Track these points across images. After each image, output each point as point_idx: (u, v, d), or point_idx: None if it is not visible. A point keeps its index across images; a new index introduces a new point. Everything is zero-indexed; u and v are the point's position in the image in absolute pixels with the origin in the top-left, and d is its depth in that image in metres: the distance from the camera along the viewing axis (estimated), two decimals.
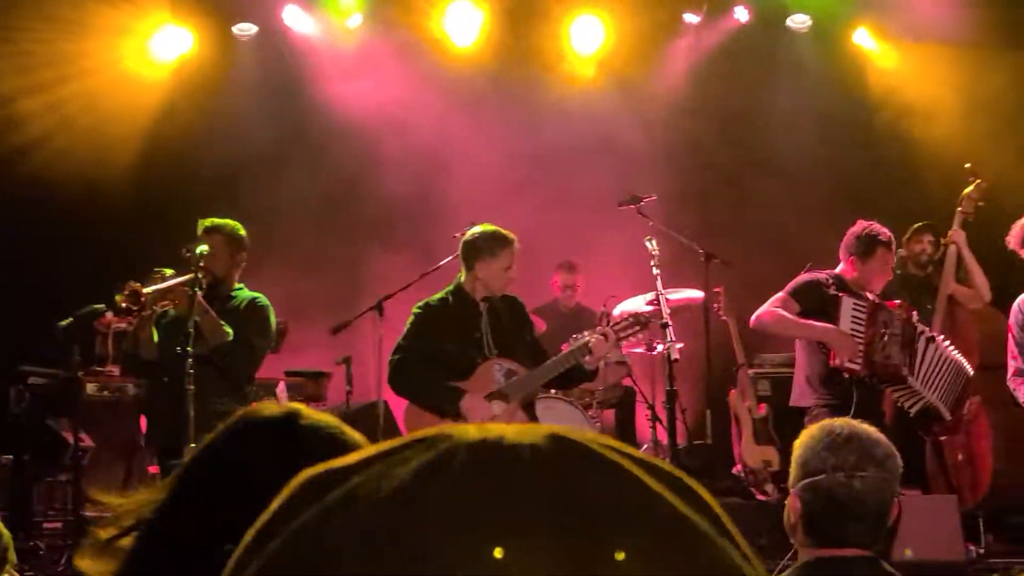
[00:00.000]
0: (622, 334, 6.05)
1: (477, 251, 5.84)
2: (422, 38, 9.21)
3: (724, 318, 7.75)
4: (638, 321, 6.09)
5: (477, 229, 5.94)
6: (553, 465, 0.56)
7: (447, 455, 0.57)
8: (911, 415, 6.30)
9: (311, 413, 1.44)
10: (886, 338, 6.02)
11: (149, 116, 8.76)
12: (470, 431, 0.59)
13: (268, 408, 1.45)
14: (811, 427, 2.75)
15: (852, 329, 6.00)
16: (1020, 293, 6.32)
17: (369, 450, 0.60)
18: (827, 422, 2.75)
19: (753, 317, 6.31)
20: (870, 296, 6.12)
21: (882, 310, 6.09)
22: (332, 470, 0.60)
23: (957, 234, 6.92)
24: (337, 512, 0.57)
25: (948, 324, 6.99)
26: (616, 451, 0.59)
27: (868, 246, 6.20)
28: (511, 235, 5.87)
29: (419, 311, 5.93)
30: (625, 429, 8.42)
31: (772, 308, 6.13)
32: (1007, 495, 6.90)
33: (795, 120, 9.13)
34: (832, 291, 6.08)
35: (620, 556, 0.54)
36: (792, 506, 2.69)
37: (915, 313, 6.27)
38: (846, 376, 6.00)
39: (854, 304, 6.05)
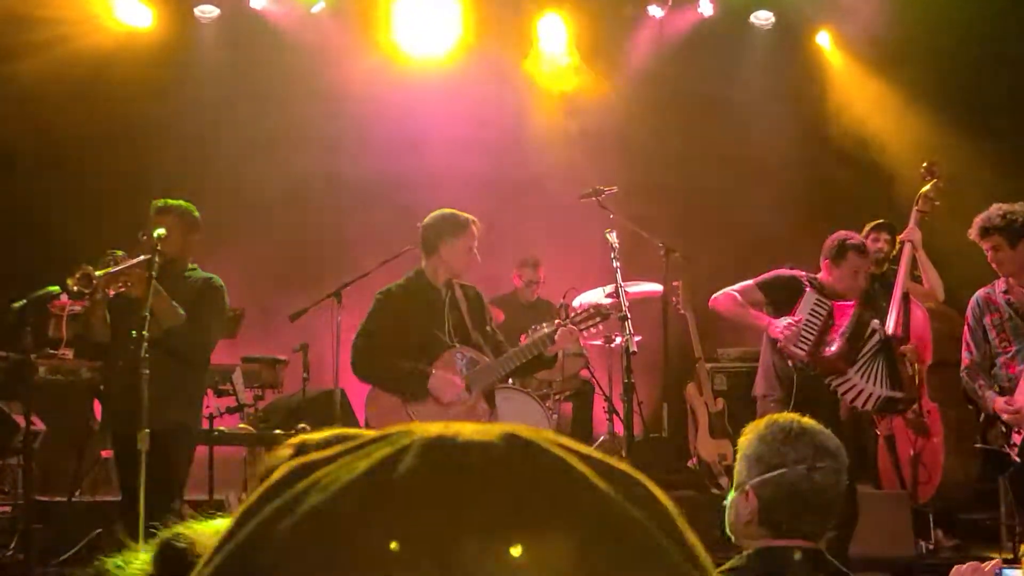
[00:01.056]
0: (582, 325, 6.10)
1: (439, 233, 5.90)
2: (381, 29, 9.20)
3: (683, 312, 7.80)
4: (599, 313, 6.13)
5: (436, 213, 5.99)
6: (502, 464, 0.57)
7: (402, 451, 0.57)
8: (871, 410, 6.39)
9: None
10: (842, 334, 6.13)
11: (105, 92, 8.67)
12: (431, 428, 0.59)
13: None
14: (755, 425, 2.79)
15: (808, 320, 6.11)
16: (975, 291, 6.35)
17: (345, 445, 0.61)
18: (771, 418, 2.79)
19: (712, 297, 6.41)
20: (852, 304, 6.26)
21: (838, 308, 6.22)
22: (308, 463, 0.61)
23: (913, 232, 6.95)
24: (298, 502, 0.58)
25: (903, 321, 7.04)
26: (569, 451, 0.59)
27: (839, 251, 6.30)
28: (470, 216, 5.94)
29: (381, 297, 5.98)
30: (582, 421, 8.45)
31: (730, 292, 6.26)
32: (957, 492, 6.97)
33: (758, 116, 9.22)
34: (802, 287, 6.22)
35: (561, 552, 0.54)
36: (746, 502, 2.71)
37: (875, 320, 6.35)
38: (790, 364, 6.13)
39: (816, 299, 6.17)
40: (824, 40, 9.39)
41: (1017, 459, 5.99)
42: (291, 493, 0.59)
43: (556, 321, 6.16)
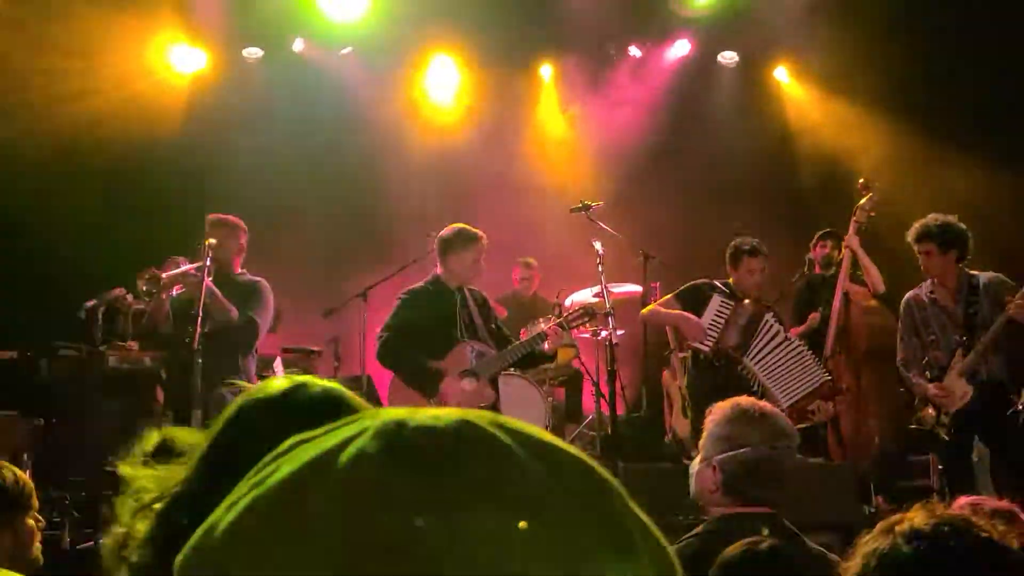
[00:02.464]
0: (574, 323, 6.17)
1: (449, 245, 5.95)
2: (405, 75, 9.25)
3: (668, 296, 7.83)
4: (587, 312, 6.19)
5: (450, 227, 6.03)
6: (449, 447, 0.55)
7: (359, 434, 0.56)
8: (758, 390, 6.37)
9: (317, 382, 1.41)
10: (731, 326, 6.33)
11: (168, 124, 8.69)
12: (397, 414, 0.58)
13: (272, 385, 1.41)
14: (721, 406, 2.81)
15: (712, 321, 6.35)
16: (906, 293, 6.34)
17: (335, 424, 0.60)
18: (735, 402, 2.81)
19: (641, 312, 6.79)
20: (746, 301, 6.40)
21: (739, 307, 6.38)
22: (300, 440, 0.59)
23: (852, 239, 6.93)
24: (267, 476, 0.57)
25: (843, 317, 7.10)
26: (509, 432, 0.57)
27: (733, 256, 6.49)
28: (479, 232, 5.98)
29: (404, 297, 6.02)
30: (573, 403, 8.45)
31: (655, 305, 6.67)
32: (893, 463, 6.96)
33: (728, 140, 9.18)
34: (711, 292, 6.43)
35: (494, 525, 0.53)
36: (712, 475, 2.72)
37: (771, 313, 6.47)
38: (700, 356, 6.40)
39: (721, 302, 6.38)
40: (781, 73, 9.40)
41: (946, 437, 6.02)
42: (268, 469, 0.58)
43: (550, 319, 6.27)
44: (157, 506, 1.32)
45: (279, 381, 1.41)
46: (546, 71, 9.48)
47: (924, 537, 1.40)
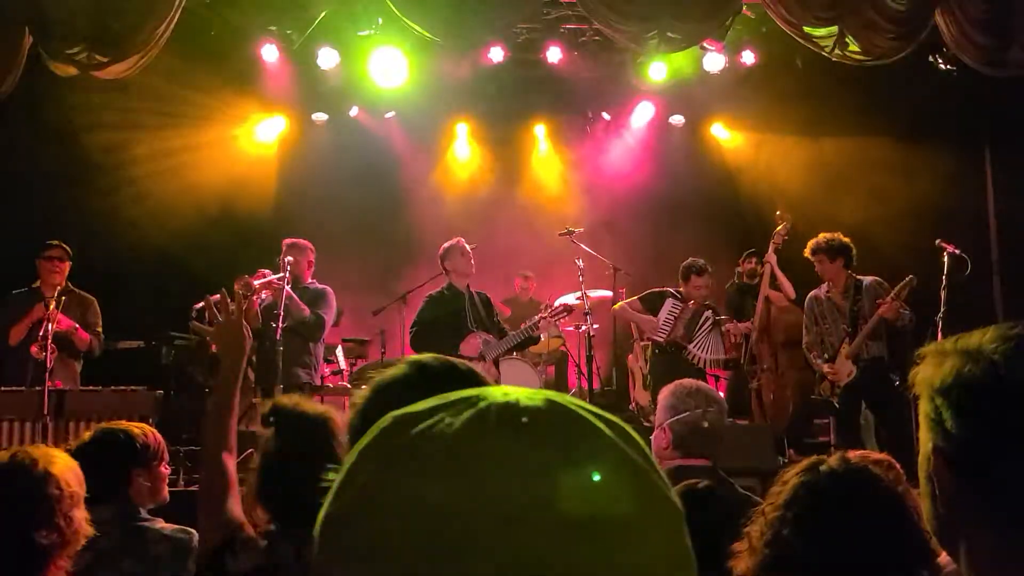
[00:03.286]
0: (556, 318, 6.23)
1: (445, 255, 6.08)
2: (435, 135, 9.17)
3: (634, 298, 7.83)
4: (566, 309, 6.25)
5: (443, 245, 6.17)
6: (550, 421, 0.53)
7: (484, 411, 0.53)
8: (707, 368, 6.49)
9: (434, 359, 1.35)
10: (679, 322, 6.37)
11: (258, 175, 8.72)
12: (498, 393, 0.55)
13: (397, 367, 1.34)
14: (668, 386, 2.83)
15: (665, 319, 6.40)
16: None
17: (434, 400, 0.55)
18: (677, 381, 2.84)
19: (613, 308, 6.81)
20: (691, 303, 6.42)
21: (685, 308, 6.41)
22: (412, 413, 0.54)
23: (771, 256, 6.98)
24: (420, 446, 0.52)
25: (764, 315, 7.15)
26: (587, 410, 0.56)
27: (683, 273, 6.53)
28: (459, 238, 6.10)
29: (428, 299, 6.08)
30: (560, 379, 8.45)
31: (623, 305, 6.70)
32: (801, 424, 6.96)
33: (681, 179, 9.06)
34: (666, 297, 6.47)
35: (594, 478, 0.51)
36: (664, 435, 2.74)
37: (710, 310, 6.48)
38: (657, 346, 6.46)
39: (672, 303, 6.42)
40: (718, 128, 9.32)
41: (837, 405, 6.03)
42: (399, 443, 0.53)
43: (539, 315, 6.32)
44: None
45: (403, 362, 1.36)
46: (540, 129, 9.47)
47: (837, 473, 1.53)
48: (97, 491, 2.45)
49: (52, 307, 5.68)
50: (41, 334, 5.60)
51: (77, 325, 6.00)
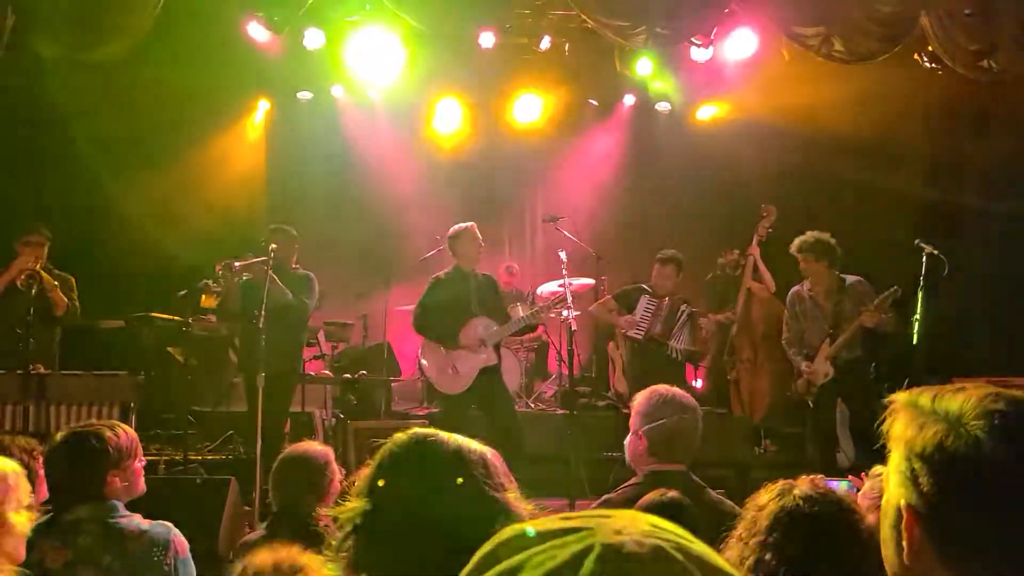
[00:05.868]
0: (553, 310, 6.23)
1: (456, 239, 5.98)
2: (419, 115, 9.06)
3: (607, 296, 7.85)
4: (559, 300, 6.20)
5: (453, 228, 6.06)
6: (646, 571, 0.51)
7: (583, 552, 0.52)
8: (680, 359, 6.54)
9: (442, 437, 1.23)
10: (656, 319, 6.41)
11: (242, 154, 8.64)
12: (612, 530, 0.53)
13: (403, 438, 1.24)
14: (643, 393, 2.82)
15: (641, 316, 6.43)
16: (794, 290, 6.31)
17: (559, 523, 0.55)
18: (652, 389, 2.82)
19: (589, 308, 6.83)
20: (667, 299, 6.45)
21: (661, 304, 6.44)
22: (526, 536, 0.54)
23: (754, 249, 6.99)
24: (516, 571, 0.52)
25: (745, 306, 7.19)
26: (689, 556, 0.53)
27: (655, 264, 6.55)
28: (471, 223, 6.01)
29: (433, 281, 6.02)
30: (541, 365, 8.46)
31: (596, 305, 6.79)
32: (777, 416, 7.04)
33: (666, 168, 9.00)
34: (640, 294, 6.48)
35: None
36: (639, 441, 2.74)
37: (685, 304, 6.50)
38: (635, 343, 6.50)
39: (647, 300, 6.44)
40: (703, 112, 9.18)
41: (811, 404, 6.02)
42: (506, 567, 0.53)
43: (520, 305, 6.31)
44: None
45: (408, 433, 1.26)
46: (526, 107, 9.13)
47: (811, 498, 1.69)
48: (74, 493, 2.48)
49: (35, 263, 5.79)
50: (28, 275, 5.67)
51: (57, 283, 5.99)
